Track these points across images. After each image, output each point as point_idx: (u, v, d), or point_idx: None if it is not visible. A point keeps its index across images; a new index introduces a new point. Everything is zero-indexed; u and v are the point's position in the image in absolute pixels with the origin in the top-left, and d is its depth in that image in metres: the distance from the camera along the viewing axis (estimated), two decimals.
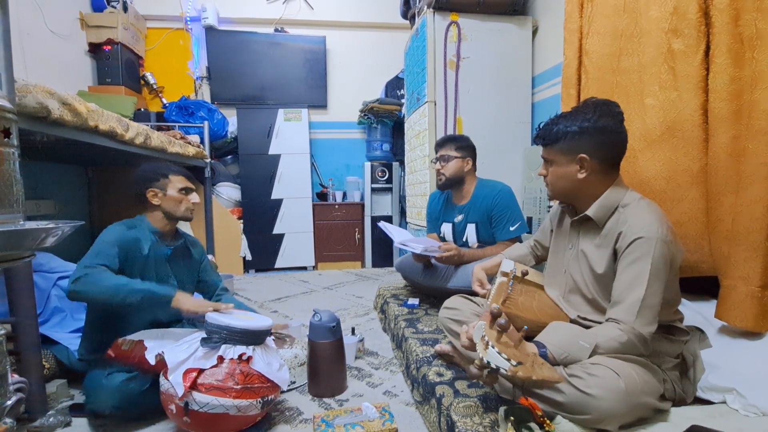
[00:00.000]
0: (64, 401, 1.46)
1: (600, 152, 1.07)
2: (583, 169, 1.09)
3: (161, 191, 1.51)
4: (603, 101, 1.10)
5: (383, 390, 1.56)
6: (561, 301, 1.22)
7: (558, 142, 1.11)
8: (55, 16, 3.02)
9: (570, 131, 1.08)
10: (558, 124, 1.11)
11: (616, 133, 1.08)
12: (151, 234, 1.51)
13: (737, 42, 1.11)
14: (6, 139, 0.71)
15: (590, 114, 1.07)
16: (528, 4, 2.70)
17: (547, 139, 1.13)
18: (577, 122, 1.08)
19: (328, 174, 4.30)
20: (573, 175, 1.10)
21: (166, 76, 3.96)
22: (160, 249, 1.52)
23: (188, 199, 1.55)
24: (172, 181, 1.53)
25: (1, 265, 0.70)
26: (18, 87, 1.27)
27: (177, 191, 1.52)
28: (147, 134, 2.21)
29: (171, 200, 1.51)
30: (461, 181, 2.02)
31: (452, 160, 1.98)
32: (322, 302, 2.84)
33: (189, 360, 1.21)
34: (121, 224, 1.49)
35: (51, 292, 1.75)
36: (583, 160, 1.08)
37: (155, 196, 1.50)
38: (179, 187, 1.53)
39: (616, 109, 1.09)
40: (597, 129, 1.06)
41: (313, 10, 4.13)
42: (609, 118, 1.07)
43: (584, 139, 1.07)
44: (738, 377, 1.03)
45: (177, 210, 1.53)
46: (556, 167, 1.13)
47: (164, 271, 1.53)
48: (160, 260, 1.52)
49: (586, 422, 0.90)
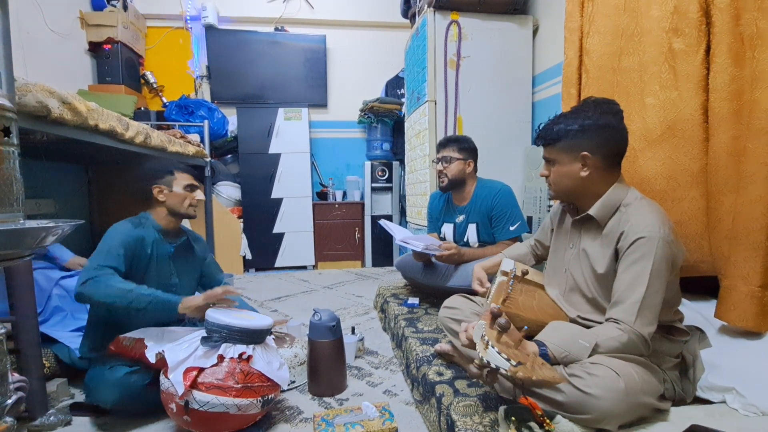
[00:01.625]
0: (64, 400, 1.46)
1: (602, 149, 1.08)
2: (586, 166, 1.09)
3: (167, 188, 1.51)
4: (602, 100, 1.11)
5: (383, 389, 1.56)
6: (561, 300, 1.22)
7: (560, 141, 1.11)
8: (55, 15, 3.01)
9: (572, 129, 1.09)
10: (559, 123, 1.11)
11: (618, 129, 1.08)
12: (155, 232, 1.51)
13: (738, 41, 1.11)
14: (6, 137, 0.71)
15: (591, 112, 1.08)
16: (529, 4, 2.70)
17: (549, 138, 1.14)
18: (578, 120, 1.08)
19: (328, 173, 4.30)
20: (576, 174, 1.10)
21: (166, 75, 3.96)
22: (163, 247, 1.52)
23: (193, 196, 1.55)
24: (177, 178, 1.53)
25: (2, 263, 0.70)
26: (18, 86, 1.27)
27: (182, 188, 1.53)
28: (147, 133, 2.21)
29: (176, 197, 1.52)
30: (463, 183, 2.02)
31: (454, 162, 1.97)
32: (322, 301, 2.84)
33: (189, 359, 1.21)
34: (127, 222, 1.49)
35: (52, 292, 1.75)
36: (586, 157, 1.08)
37: (161, 192, 1.50)
38: (184, 183, 1.54)
39: (615, 107, 1.10)
40: (599, 126, 1.06)
41: (314, 9, 4.13)
42: (610, 116, 1.07)
43: (586, 136, 1.07)
44: (738, 377, 1.03)
45: (181, 207, 1.53)
46: (558, 166, 1.13)
47: (167, 268, 1.53)
48: (163, 258, 1.52)
49: (586, 422, 0.90)
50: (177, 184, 1.53)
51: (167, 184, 1.51)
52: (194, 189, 1.56)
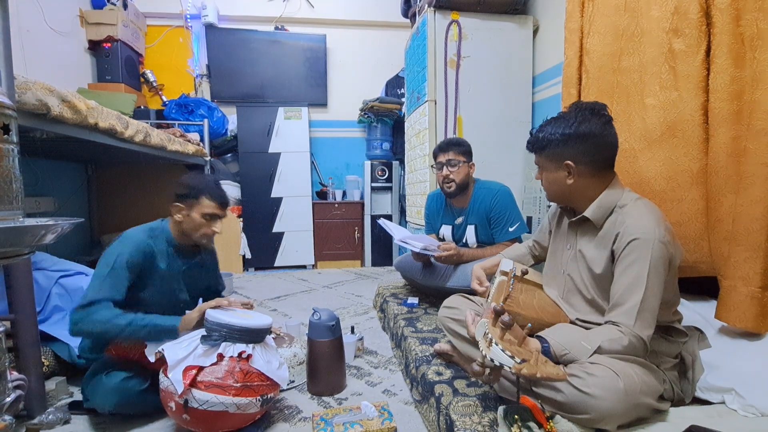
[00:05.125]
0: (63, 398, 1.46)
1: (585, 157, 1.07)
2: (571, 175, 1.09)
3: (186, 209, 1.42)
4: (587, 105, 1.10)
5: (382, 389, 1.56)
6: (560, 301, 1.22)
7: (544, 149, 1.12)
8: (55, 13, 3.01)
9: (553, 139, 1.09)
10: (543, 131, 1.12)
11: (600, 136, 1.06)
12: (168, 245, 1.45)
13: (738, 42, 1.11)
14: (5, 135, 0.71)
15: (572, 120, 1.07)
16: (529, 4, 2.69)
17: (535, 146, 1.15)
18: (559, 129, 1.08)
19: (327, 173, 4.30)
20: (562, 181, 1.11)
21: (166, 74, 3.95)
22: (175, 263, 1.46)
23: (210, 226, 1.45)
24: (201, 204, 1.42)
25: (1, 261, 0.70)
26: (18, 84, 1.27)
27: (201, 215, 1.42)
28: (146, 132, 2.21)
29: (191, 222, 1.43)
30: (467, 186, 1.99)
31: (461, 165, 1.94)
32: (322, 301, 2.84)
33: (189, 357, 1.21)
34: (142, 231, 1.42)
35: (51, 290, 1.75)
36: (569, 166, 1.08)
37: (179, 211, 1.43)
38: (205, 211, 1.43)
39: (600, 112, 1.08)
40: (578, 135, 1.06)
41: (314, 8, 4.12)
42: (591, 123, 1.06)
43: (568, 146, 1.07)
44: (737, 378, 1.03)
45: (194, 233, 1.44)
46: (546, 173, 1.15)
47: (176, 285, 1.48)
48: (174, 274, 1.46)
49: (585, 422, 0.90)
50: (197, 210, 1.42)
51: (188, 206, 1.42)
52: (215, 219, 1.46)
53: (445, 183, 1.96)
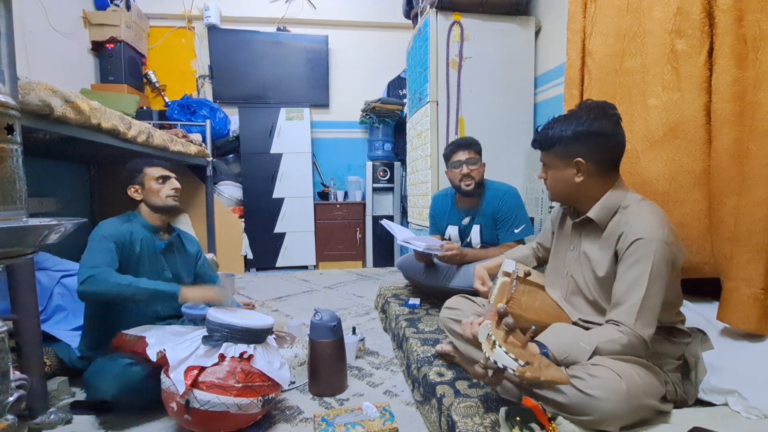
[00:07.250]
0: (65, 398, 1.46)
1: (595, 156, 1.07)
2: (580, 173, 1.09)
3: (140, 186, 1.55)
4: (597, 104, 1.10)
5: (384, 389, 1.56)
6: (563, 302, 1.22)
7: (554, 146, 1.11)
8: (58, 14, 3.02)
9: (564, 136, 1.08)
10: (553, 128, 1.11)
11: (611, 135, 1.07)
12: (143, 229, 1.54)
13: (741, 43, 1.11)
14: (9, 136, 0.72)
15: (584, 118, 1.07)
16: (531, 5, 2.69)
17: (543, 143, 1.14)
18: (571, 126, 1.08)
19: (329, 173, 4.31)
20: (570, 179, 1.10)
21: (169, 75, 3.97)
22: (153, 243, 1.56)
23: (166, 186, 1.57)
24: (147, 173, 1.56)
25: (4, 261, 0.70)
26: (21, 84, 1.27)
27: (154, 181, 1.56)
28: (149, 132, 2.21)
29: (150, 192, 1.55)
30: (483, 185, 2.00)
31: (480, 163, 1.95)
32: (323, 301, 2.84)
33: (190, 358, 1.21)
34: (114, 219, 1.53)
35: (54, 290, 1.76)
36: (579, 164, 1.08)
37: (135, 192, 1.55)
38: (155, 176, 1.56)
39: (611, 111, 1.08)
40: (591, 133, 1.06)
41: (316, 9, 4.13)
42: (603, 121, 1.06)
43: (579, 143, 1.07)
44: (740, 379, 1.03)
45: (159, 200, 1.56)
46: (553, 171, 1.14)
47: (159, 264, 1.56)
48: (154, 254, 1.55)
49: (588, 423, 0.90)
50: (148, 179, 1.55)
51: (139, 183, 1.55)
52: (167, 179, 1.58)
53: (464, 181, 1.94)
